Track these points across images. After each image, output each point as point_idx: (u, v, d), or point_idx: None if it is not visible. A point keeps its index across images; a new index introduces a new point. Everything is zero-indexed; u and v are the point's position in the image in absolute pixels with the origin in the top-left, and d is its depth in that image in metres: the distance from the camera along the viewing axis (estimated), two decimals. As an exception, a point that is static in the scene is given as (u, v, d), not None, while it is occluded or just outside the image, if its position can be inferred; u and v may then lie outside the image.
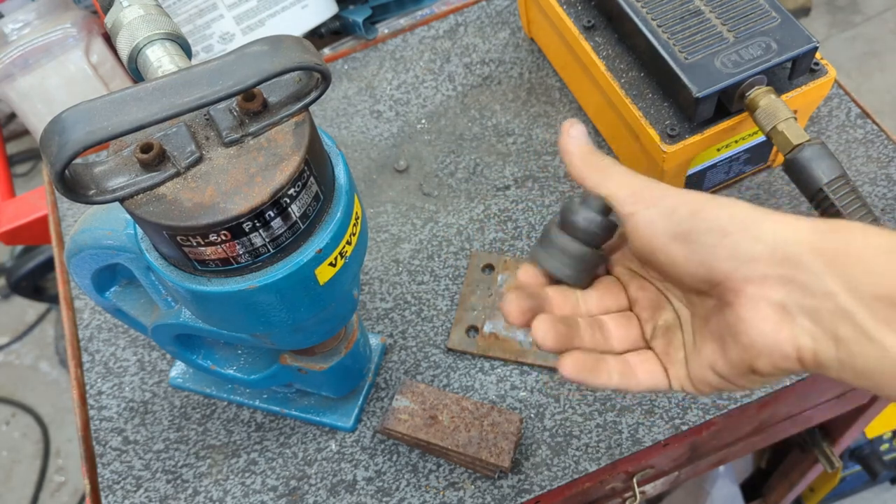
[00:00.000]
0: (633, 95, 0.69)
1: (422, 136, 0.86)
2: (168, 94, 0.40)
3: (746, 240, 0.37)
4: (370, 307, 0.75)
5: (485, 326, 0.71)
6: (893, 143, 0.77)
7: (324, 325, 0.56)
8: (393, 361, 0.72)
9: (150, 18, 0.49)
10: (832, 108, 0.80)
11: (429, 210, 0.80)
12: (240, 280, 0.46)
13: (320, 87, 0.44)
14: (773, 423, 0.84)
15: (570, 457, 0.65)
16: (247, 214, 0.42)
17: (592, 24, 0.74)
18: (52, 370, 1.96)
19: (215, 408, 0.72)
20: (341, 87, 0.91)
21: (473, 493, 0.65)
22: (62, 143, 0.38)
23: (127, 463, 0.70)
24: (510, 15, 0.93)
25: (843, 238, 0.36)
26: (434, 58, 0.91)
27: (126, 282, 0.64)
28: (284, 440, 0.70)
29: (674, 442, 0.68)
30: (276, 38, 0.42)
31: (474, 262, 0.75)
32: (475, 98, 0.88)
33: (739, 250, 0.37)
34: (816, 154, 0.60)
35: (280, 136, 0.44)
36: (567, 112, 0.85)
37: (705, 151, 0.69)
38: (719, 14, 0.66)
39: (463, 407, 0.65)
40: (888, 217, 0.73)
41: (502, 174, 0.82)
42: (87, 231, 0.56)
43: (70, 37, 0.93)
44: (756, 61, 0.63)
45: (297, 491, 0.67)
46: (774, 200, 0.76)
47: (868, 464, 1.41)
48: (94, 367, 0.76)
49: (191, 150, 0.44)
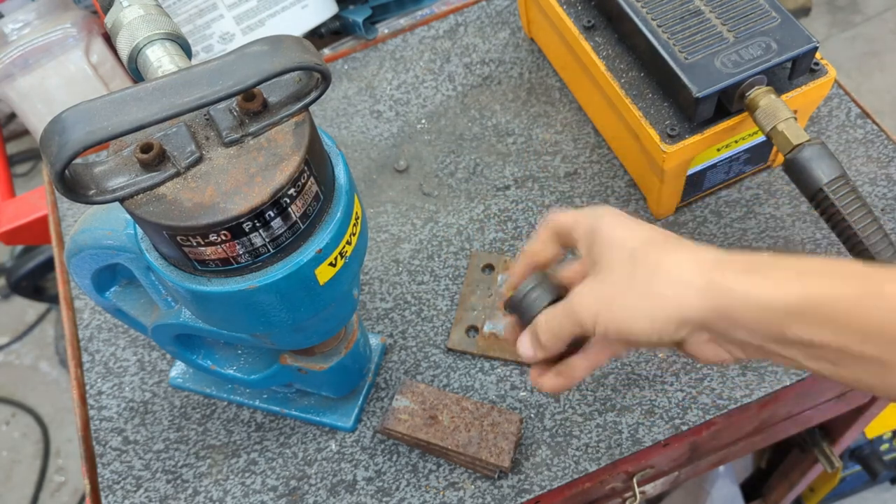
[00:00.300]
0: (633, 95, 0.69)
1: (422, 136, 0.86)
2: (168, 94, 0.40)
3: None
4: (370, 307, 0.75)
5: (485, 326, 0.71)
6: (893, 143, 0.77)
7: (324, 325, 0.56)
8: (393, 361, 0.72)
9: (150, 18, 0.49)
10: (832, 108, 0.80)
11: (429, 210, 0.80)
12: (240, 280, 0.46)
13: (320, 87, 0.44)
14: (773, 423, 0.84)
15: (570, 457, 0.65)
16: (247, 214, 0.42)
17: (592, 24, 0.74)
18: (52, 370, 1.96)
19: (215, 408, 0.72)
20: (341, 87, 0.91)
21: (473, 493, 0.65)
22: (62, 143, 0.38)
23: (127, 463, 0.70)
24: (510, 15, 0.93)
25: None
26: (434, 58, 0.91)
27: (126, 282, 0.64)
28: (284, 440, 0.70)
29: (674, 442, 0.68)
30: (276, 38, 0.42)
31: (474, 262, 0.75)
32: (475, 98, 0.88)
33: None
34: (816, 154, 0.60)
35: (280, 136, 0.44)
36: (567, 112, 0.85)
37: (705, 151, 0.69)
38: (719, 14, 0.66)
39: (463, 407, 0.65)
40: (888, 217, 0.73)
41: (502, 174, 0.82)
42: (87, 231, 0.56)
43: (70, 37, 0.93)
44: (756, 61, 0.63)
45: (297, 491, 0.67)
46: (774, 200, 0.76)
47: (868, 464, 1.41)
48: (94, 367, 0.76)
49: (191, 150, 0.44)
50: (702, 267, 0.43)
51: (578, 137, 0.83)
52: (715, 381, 0.67)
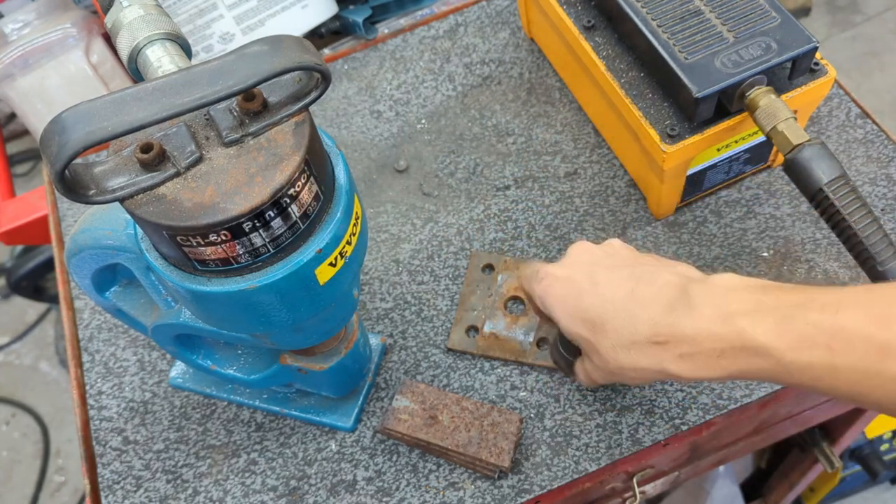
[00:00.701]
0: (633, 95, 0.69)
1: (422, 136, 0.86)
2: (168, 94, 0.40)
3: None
4: (370, 307, 0.75)
5: (485, 326, 0.71)
6: (893, 143, 0.77)
7: (324, 325, 0.56)
8: (393, 361, 0.72)
9: (150, 18, 0.49)
10: (832, 108, 0.80)
11: (429, 210, 0.80)
12: (240, 280, 0.46)
13: (320, 87, 0.44)
14: (773, 423, 0.84)
15: (570, 457, 0.65)
16: (247, 214, 0.42)
17: (592, 24, 0.74)
18: (52, 370, 1.96)
19: (215, 408, 0.72)
20: (341, 87, 0.91)
21: (473, 493, 0.65)
22: (62, 143, 0.38)
23: (127, 463, 0.70)
24: (510, 15, 0.93)
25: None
26: (434, 58, 0.92)
27: (126, 282, 0.64)
28: (284, 440, 0.70)
29: (674, 442, 0.68)
30: (276, 38, 0.42)
31: (474, 262, 0.75)
32: (475, 98, 0.88)
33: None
34: (816, 154, 0.60)
35: (280, 136, 0.44)
36: (567, 112, 0.85)
37: (705, 151, 0.69)
38: (719, 14, 0.66)
39: (463, 407, 0.65)
40: (888, 217, 0.73)
41: (502, 174, 0.82)
42: (87, 231, 0.56)
43: (70, 37, 0.93)
44: (756, 61, 0.63)
45: (297, 491, 0.67)
46: (774, 200, 0.76)
47: (868, 464, 1.41)
48: (94, 367, 0.76)
49: (191, 150, 0.44)
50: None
51: (578, 137, 0.83)
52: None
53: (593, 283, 0.55)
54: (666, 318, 0.50)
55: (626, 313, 0.52)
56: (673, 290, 0.51)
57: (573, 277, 0.56)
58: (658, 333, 0.50)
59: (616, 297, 0.53)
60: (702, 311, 0.49)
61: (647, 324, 0.51)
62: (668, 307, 0.50)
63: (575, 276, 0.56)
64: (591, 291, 0.54)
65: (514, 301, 0.73)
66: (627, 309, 0.52)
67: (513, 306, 0.73)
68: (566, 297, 0.56)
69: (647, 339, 0.51)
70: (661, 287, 0.52)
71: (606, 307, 0.53)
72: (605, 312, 0.53)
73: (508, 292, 0.73)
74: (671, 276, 0.52)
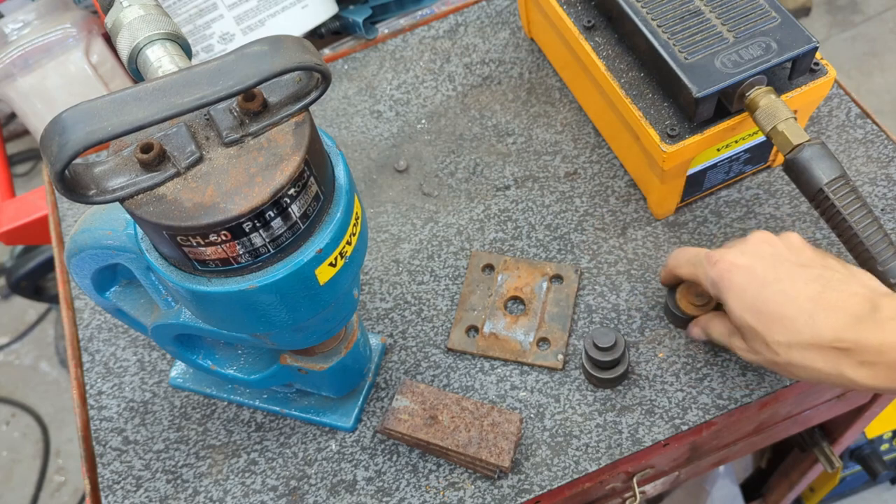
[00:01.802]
0: (633, 95, 0.69)
1: (422, 136, 0.86)
2: (168, 94, 0.40)
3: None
4: (370, 307, 0.75)
5: (485, 326, 0.71)
6: (893, 143, 0.77)
7: (324, 325, 0.56)
8: (393, 361, 0.72)
9: (150, 18, 0.50)
10: (832, 108, 0.80)
11: (429, 210, 0.80)
12: (240, 280, 0.46)
13: (320, 88, 0.44)
14: (773, 423, 0.84)
15: (570, 457, 0.65)
16: (247, 214, 0.42)
17: (592, 24, 0.74)
18: (52, 370, 1.96)
19: (215, 408, 0.72)
20: (341, 87, 0.91)
21: (473, 493, 0.65)
22: (62, 143, 0.38)
23: (127, 463, 0.70)
24: (510, 15, 0.94)
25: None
26: (434, 58, 0.92)
27: (126, 282, 0.64)
28: (284, 440, 0.70)
29: (674, 442, 0.68)
30: (276, 38, 0.42)
31: (474, 262, 0.75)
32: (475, 98, 0.88)
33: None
34: (816, 154, 0.60)
35: (280, 137, 0.44)
36: (567, 112, 0.85)
37: (705, 151, 0.69)
38: (719, 14, 0.66)
39: (463, 407, 0.65)
40: (888, 217, 0.73)
41: (502, 174, 0.82)
42: (87, 231, 0.56)
43: (70, 37, 0.93)
44: (756, 61, 0.63)
45: (297, 491, 0.67)
46: (774, 200, 0.76)
47: (868, 464, 1.41)
48: (94, 367, 0.76)
49: (191, 150, 0.44)
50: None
51: (578, 137, 0.83)
52: (715, 381, 0.67)
53: (777, 278, 0.55)
54: (852, 327, 0.51)
55: (809, 314, 0.53)
56: (861, 301, 0.53)
57: (754, 268, 0.57)
58: (841, 339, 0.52)
59: (800, 296, 0.54)
60: (892, 326, 0.51)
61: (831, 329, 0.52)
62: (855, 318, 0.52)
63: (757, 268, 0.56)
64: (774, 285, 0.55)
65: (514, 301, 0.73)
66: (811, 310, 0.53)
67: (513, 306, 0.73)
68: (746, 285, 0.56)
69: (829, 343, 0.52)
70: (849, 296, 0.53)
71: (788, 304, 0.54)
72: (785, 309, 0.54)
73: (508, 292, 0.73)
74: (859, 288, 0.54)
